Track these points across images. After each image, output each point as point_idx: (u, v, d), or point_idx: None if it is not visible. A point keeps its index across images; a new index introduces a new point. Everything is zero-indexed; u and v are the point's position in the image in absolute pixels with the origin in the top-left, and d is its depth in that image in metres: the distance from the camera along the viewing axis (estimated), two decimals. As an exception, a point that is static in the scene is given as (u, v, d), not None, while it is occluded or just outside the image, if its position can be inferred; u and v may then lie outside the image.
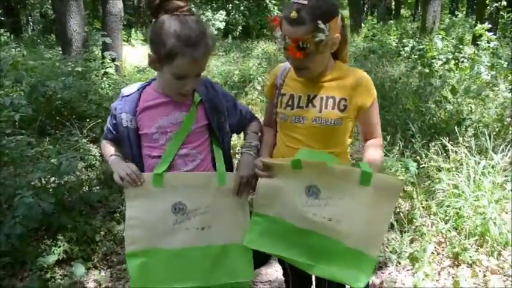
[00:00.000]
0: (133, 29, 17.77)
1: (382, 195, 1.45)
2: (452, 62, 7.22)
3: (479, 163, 3.22)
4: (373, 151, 1.67)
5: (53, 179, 3.40)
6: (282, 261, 1.92)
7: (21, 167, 3.49)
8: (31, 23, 24.24)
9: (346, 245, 1.47)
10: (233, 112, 1.76)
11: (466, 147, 3.44)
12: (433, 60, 7.19)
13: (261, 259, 1.75)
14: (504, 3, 8.66)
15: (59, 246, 2.87)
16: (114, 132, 1.74)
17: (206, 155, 1.69)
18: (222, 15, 17.70)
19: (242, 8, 18.87)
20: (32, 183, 3.34)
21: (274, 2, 19.05)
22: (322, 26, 1.44)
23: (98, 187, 3.93)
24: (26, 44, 14.40)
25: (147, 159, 1.69)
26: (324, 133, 1.62)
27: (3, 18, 16.36)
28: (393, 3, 26.38)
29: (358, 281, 1.47)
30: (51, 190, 3.32)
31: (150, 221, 1.60)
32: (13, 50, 10.44)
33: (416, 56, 8.04)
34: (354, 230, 1.46)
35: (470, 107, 4.71)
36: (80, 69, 6.09)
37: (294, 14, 1.44)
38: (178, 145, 1.62)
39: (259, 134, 1.82)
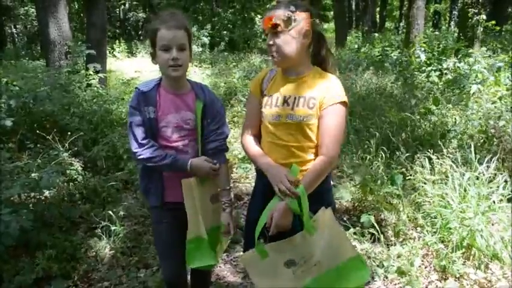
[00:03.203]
0: (117, 41, 17.67)
1: (327, 226, 1.80)
2: (436, 73, 7.32)
3: (464, 175, 3.23)
4: (312, 164, 1.83)
5: (33, 194, 3.31)
6: None
7: (-1, 182, 3.38)
8: (15, 35, 24.01)
9: (333, 267, 1.80)
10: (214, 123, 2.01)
11: (451, 159, 3.45)
12: (416, 72, 7.27)
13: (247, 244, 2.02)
14: (484, 17, 8.85)
15: (37, 264, 2.78)
16: (143, 128, 1.90)
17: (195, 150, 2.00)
18: (207, 29, 17.78)
19: (226, 22, 19.00)
20: (12, 198, 3.24)
21: (260, 16, 19.19)
22: (292, 8, 1.75)
23: (79, 202, 3.85)
24: (9, 57, 14.25)
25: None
26: (296, 128, 1.83)
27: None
28: (378, 16, 26.81)
29: (363, 277, 1.82)
30: (30, 206, 3.22)
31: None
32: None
33: (400, 68, 8.14)
34: (329, 256, 1.80)
35: (455, 119, 4.74)
36: (62, 81, 6.00)
37: (275, 2, 1.74)
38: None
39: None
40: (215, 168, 1.97)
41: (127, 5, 24.92)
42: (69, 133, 4.48)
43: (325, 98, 1.78)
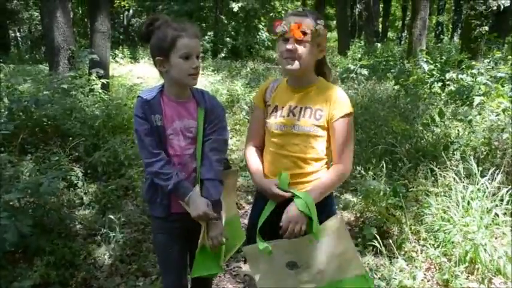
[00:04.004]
0: (121, 47, 17.71)
1: (336, 235, 1.79)
2: (438, 84, 7.31)
3: (467, 188, 3.20)
4: (328, 178, 1.85)
5: (32, 199, 3.28)
6: None
7: (-1, 187, 3.36)
8: (19, 39, 24.09)
9: (336, 280, 1.78)
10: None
11: (454, 171, 3.42)
12: (419, 83, 7.26)
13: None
14: (486, 28, 8.85)
15: (35, 271, 2.74)
16: (152, 137, 1.86)
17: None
18: (209, 36, 17.84)
19: (230, 29, 19.05)
20: (11, 203, 3.21)
21: (263, 23, 19.26)
22: (321, 22, 1.78)
23: (79, 208, 3.82)
24: (13, 61, 14.28)
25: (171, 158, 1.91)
26: (301, 139, 1.83)
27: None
28: (380, 26, 26.88)
29: None
30: (30, 211, 3.19)
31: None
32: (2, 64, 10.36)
33: (402, 79, 8.13)
34: (334, 268, 1.78)
35: (458, 130, 4.71)
36: (65, 86, 5.99)
37: (300, 9, 1.87)
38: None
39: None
40: (210, 217, 1.84)
41: (131, 11, 25.01)
42: (70, 138, 4.47)
43: (334, 110, 1.81)
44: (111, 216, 3.37)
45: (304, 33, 1.74)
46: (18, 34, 24.12)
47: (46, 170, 3.73)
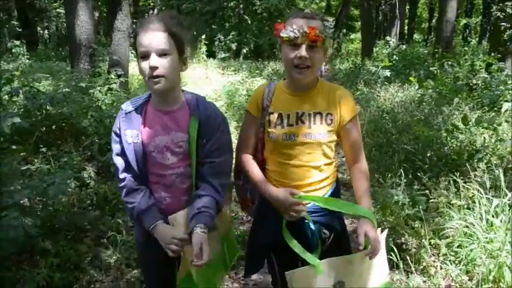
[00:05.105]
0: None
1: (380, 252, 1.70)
2: (464, 89, 7.04)
3: (492, 201, 3.00)
4: (364, 183, 1.78)
5: (40, 199, 3.24)
6: (272, 270, 1.93)
7: (6, 185, 3.33)
8: (47, 36, 24.59)
9: None
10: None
11: (478, 182, 3.22)
12: (444, 87, 7.00)
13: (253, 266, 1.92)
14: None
15: (38, 273, 2.69)
16: (124, 158, 1.66)
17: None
18: (233, 35, 17.80)
19: (254, 28, 18.96)
20: (22, 201, 3.18)
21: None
22: (328, 24, 1.66)
23: (90, 208, 3.78)
24: (39, 57, 14.53)
25: (150, 176, 1.68)
26: (314, 147, 1.72)
27: (20, 30, 16.53)
28: (406, 28, 26.37)
29: None
30: (38, 212, 3.15)
31: None
32: (26, 61, 10.56)
33: (427, 82, 7.88)
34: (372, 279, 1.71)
35: (484, 138, 4.49)
36: (83, 84, 5.99)
37: (308, 11, 1.68)
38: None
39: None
40: (181, 243, 1.59)
41: (156, 10, 25.22)
42: (83, 137, 4.44)
43: (344, 112, 1.73)
44: (119, 221, 3.30)
45: (318, 39, 1.61)
46: (46, 32, 24.62)
47: (56, 170, 3.68)
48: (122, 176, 1.67)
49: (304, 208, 1.69)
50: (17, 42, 12.28)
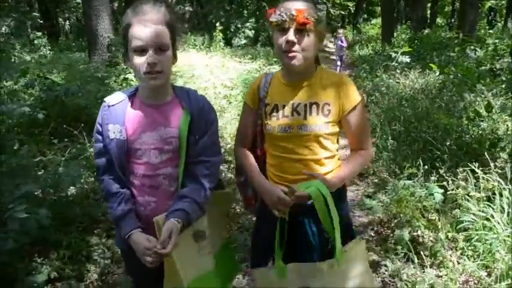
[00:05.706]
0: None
1: (359, 262, 1.64)
2: (488, 74, 6.77)
3: (514, 193, 2.87)
4: (350, 161, 1.72)
5: (53, 190, 3.25)
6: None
7: (20, 177, 3.36)
8: (68, 27, 24.86)
9: None
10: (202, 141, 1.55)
11: (499, 174, 3.08)
12: (466, 73, 6.75)
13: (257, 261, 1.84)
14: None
15: (50, 265, 2.71)
16: (105, 157, 1.55)
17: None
18: (251, 22, 17.63)
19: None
20: (36, 192, 3.20)
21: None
22: (320, 6, 1.55)
23: (102, 199, 3.78)
24: (60, 48, 14.69)
25: (133, 177, 1.55)
26: (311, 140, 1.63)
27: (41, 22, 16.75)
28: (428, 12, 25.63)
29: None
30: (50, 202, 3.17)
31: None
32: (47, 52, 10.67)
33: (449, 68, 7.63)
34: None
35: (507, 126, 4.30)
36: (99, 74, 6.01)
37: None
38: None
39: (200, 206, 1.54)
40: (158, 253, 1.42)
41: (174, -1, 25.17)
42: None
43: (344, 102, 1.63)
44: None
45: (307, 21, 1.50)
46: (67, 23, 24.88)
47: (69, 161, 3.69)
48: (101, 177, 1.56)
49: (286, 210, 1.60)
50: (39, 34, 12.46)
